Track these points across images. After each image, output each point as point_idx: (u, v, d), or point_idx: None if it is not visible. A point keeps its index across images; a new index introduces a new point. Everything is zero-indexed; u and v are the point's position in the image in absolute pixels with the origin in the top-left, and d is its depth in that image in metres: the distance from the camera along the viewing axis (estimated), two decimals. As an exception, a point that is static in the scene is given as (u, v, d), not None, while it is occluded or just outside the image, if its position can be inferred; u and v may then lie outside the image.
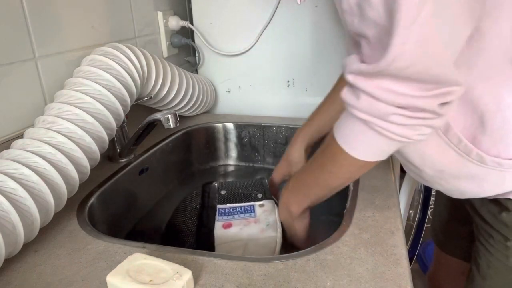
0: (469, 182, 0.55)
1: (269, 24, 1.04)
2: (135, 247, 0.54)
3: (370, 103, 0.43)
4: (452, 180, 0.56)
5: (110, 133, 0.67)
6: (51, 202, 0.54)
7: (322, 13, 0.99)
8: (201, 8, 1.08)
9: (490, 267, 0.62)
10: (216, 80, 1.15)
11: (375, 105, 0.43)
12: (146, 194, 0.85)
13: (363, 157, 0.50)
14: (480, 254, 0.64)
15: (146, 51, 0.80)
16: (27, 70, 0.66)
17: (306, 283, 0.46)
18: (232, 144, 1.08)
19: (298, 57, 1.06)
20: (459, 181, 0.55)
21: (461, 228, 0.83)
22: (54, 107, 0.62)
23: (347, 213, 0.61)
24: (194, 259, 0.51)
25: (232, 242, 0.62)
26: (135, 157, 0.83)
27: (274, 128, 1.04)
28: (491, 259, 0.62)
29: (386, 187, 0.68)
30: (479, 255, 0.64)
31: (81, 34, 0.77)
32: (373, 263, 0.50)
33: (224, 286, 0.46)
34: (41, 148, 0.56)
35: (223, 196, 0.71)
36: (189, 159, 1.03)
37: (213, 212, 0.67)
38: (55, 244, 0.56)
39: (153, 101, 0.87)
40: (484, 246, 0.63)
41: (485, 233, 0.62)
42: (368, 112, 0.44)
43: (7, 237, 0.47)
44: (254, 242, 0.61)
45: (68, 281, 0.48)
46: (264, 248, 0.61)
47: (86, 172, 0.62)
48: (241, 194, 0.71)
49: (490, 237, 0.61)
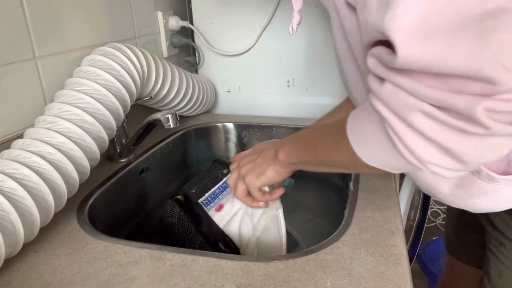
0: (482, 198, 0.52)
1: (269, 24, 1.04)
2: (135, 247, 0.54)
3: (393, 91, 0.34)
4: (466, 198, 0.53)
5: (110, 133, 0.67)
6: (51, 202, 0.54)
7: (322, 13, 0.99)
8: (201, 8, 1.08)
9: (502, 276, 0.60)
10: (216, 80, 1.15)
11: (398, 95, 0.33)
12: (146, 194, 0.85)
13: (366, 160, 0.42)
14: (491, 262, 0.62)
15: (146, 51, 0.80)
16: (27, 70, 0.66)
17: (306, 283, 0.46)
18: (232, 144, 1.08)
19: (298, 57, 1.06)
20: (472, 198, 0.53)
21: (474, 235, 0.81)
22: (54, 107, 0.62)
23: (347, 213, 0.61)
24: (194, 259, 0.51)
25: (234, 217, 0.63)
26: (135, 157, 0.83)
27: (274, 128, 1.04)
28: (502, 268, 0.60)
29: (386, 187, 0.68)
30: (490, 264, 0.62)
31: (81, 34, 0.77)
32: (373, 263, 0.50)
33: (224, 286, 0.46)
34: (41, 148, 0.56)
35: (196, 193, 0.70)
36: (189, 159, 1.03)
37: (200, 208, 0.68)
38: (55, 244, 0.56)
39: (153, 101, 0.87)
40: (494, 254, 0.61)
41: (496, 241, 0.61)
42: (388, 102, 0.34)
43: (7, 237, 0.47)
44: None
45: (68, 281, 0.48)
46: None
47: (86, 172, 0.62)
48: (208, 182, 0.71)
49: (501, 245, 0.60)
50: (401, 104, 0.33)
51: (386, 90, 0.34)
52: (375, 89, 0.36)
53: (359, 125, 0.42)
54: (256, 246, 0.62)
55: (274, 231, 0.62)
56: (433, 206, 2.02)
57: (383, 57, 0.33)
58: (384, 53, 0.33)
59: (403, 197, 1.10)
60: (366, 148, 0.42)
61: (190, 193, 0.70)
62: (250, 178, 0.59)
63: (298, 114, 1.10)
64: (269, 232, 0.63)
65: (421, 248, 1.52)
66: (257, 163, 0.59)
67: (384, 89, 0.34)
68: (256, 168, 0.59)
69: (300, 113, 1.10)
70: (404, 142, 0.35)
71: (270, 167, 0.58)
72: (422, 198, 1.48)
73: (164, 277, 0.48)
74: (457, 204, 0.55)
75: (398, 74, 0.32)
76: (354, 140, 0.42)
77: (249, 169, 0.59)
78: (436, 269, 1.46)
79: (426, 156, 0.34)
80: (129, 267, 0.50)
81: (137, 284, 0.47)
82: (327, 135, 0.50)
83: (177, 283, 0.47)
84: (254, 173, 0.59)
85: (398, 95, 0.33)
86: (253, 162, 0.60)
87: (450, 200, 0.55)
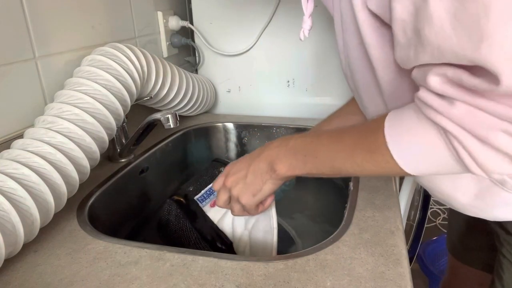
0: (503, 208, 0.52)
1: (269, 24, 1.04)
2: (135, 247, 0.54)
3: (469, 112, 0.34)
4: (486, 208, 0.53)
5: (110, 133, 0.67)
6: (51, 202, 0.54)
7: (322, 13, 0.99)
8: (201, 8, 1.08)
9: None
10: (216, 80, 1.15)
11: (476, 115, 0.33)
12: (146, 194, 0.85)
13: (410, 169, 0.42)
14: (504, 267, 0.61)
15: (146, 51, 0.80)
16: (27, 70, 0.66)
17: (306, 283, 0.46)
18: (232, 144, 1.08)
19: (298, 57, 1.06)
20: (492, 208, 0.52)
21: (481, 239, 0.80)
22: (54, 107, 0.62)
23: (347, 213, 0.61)
24: (194, 259, 0.51)
25: (227, 212, 0.64)
26: (135, 157, 0.83)
27: (274, 128, 1.04)
28: None
29: (386, 187, 0.68)
30: (502, 269, 0.61)
31: (81, 34, 0.77)
32: (373, 263, 0.50)
33: (224, 286, 0.46)
34: (41, 148, 0.56)
35: (193, 190, 0.71)
36: (189, 159, 1.03)
37: (196, 205, 0.68)
38: (55, 244, 0.56)
39: (153, 101, 0.87)
40: (507, 259, 0.60)
41: (509, 246, 0.60)
42: (461, 121, 0.34)
43: (7, 237, 0.47)
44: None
45: (68, 281, 0.48)
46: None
47: (86, 172, 0.62)
48: (206, 179, 0.72)
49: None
50: (479, 124, 0.34)
51: (459, 110, 0.34)
52: (440, 107, 0.36)
53: (406, 137, 0.41)
54: (248, 239, 0.63)
55: (266, 224, 0.63)
56: (433, 206, 2.02)
57: (465, 80, 0.33)
58: (466, 76, 0.33)
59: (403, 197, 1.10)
60: (413, 158, 0.41)
61: (187, 191, 0.70)
62: (247, 198, 0.56)
63: (298, 114, 1.10)
64: (261, 225, 0.63)
65: (421, 248, 1.52)
66: (249, 181, 0.55)
67: (457, 109, 0.34)
68: (250, 186, 0.56)
69: (300, 113, 1.10)
70: (474, 156, 0.36)
71: (267, 181, 0.55)
72: (422, 198, 1.48)
73: (164, 277, 0.48)
74: (475, 213, 0.54)
75: (479, 97, 0.33)
76: (398, 150, 0.41)
77: (241, 189, 0.56)
78: (436, 269, 1.46)
79: (495, 167, 0.36)
80: (129, 267, 0.50)
81: (137, 284, 0.47)
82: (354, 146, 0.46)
83: (177, 283, 0.47)
84: (249, 192, 0.56)
85: (475, 116, 0.34)
86: (242, 181, 0.56)
87: (468, 210, 0.54)
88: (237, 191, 0.56)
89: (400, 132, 0.41)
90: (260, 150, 0.56)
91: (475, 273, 0.85)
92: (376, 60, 0.46)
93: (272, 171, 0.54)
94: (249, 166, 0.56)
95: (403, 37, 0.36)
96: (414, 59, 0.36)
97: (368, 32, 0.44)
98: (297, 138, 0.53)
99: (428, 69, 0.36)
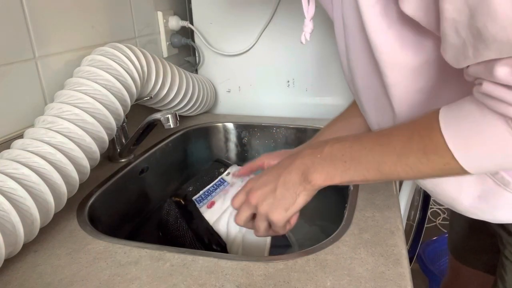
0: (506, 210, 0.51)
1: (269, 24, 1.04)
2: (135, 247, 0.54)
3: None
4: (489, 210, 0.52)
5: (110, 133, 0.67)
6: (51, 202, 0.54)
7: (322, 12, 0.99)
8: (201, 8, 1.08)
9: None
10: (216, 80, 1.15)
11: None
12: (146, 194, 0.85)
13: (475, 170, 0.39)
14: (506, 269, 0.61)
15: (146, 51, 0.80)
16: (27, 70, 0.66)
17: (306, 283, 0.46)
18: (232, 144, 1.08)
19: (298, 57, 1.06)
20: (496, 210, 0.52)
21: (483, 240, 0.79)
22: (54, 107, 0.62)
23: (347, 213, 0.61)
24: (194, 259, 0.51)
25: (223, 214, 0.64)
26: (135, 157, 0.83)
27: (274, 128, 1.04)
28: None
29: (386, 187, 0.68)
30: (505, 271, 0.61)
31: (81, 34, 0.77)
32: (373, 263, 0.50)
33: (224, 286, 0.46)
34: (41, 148, 0.56)
35: (192, 191, 0.71)
36: (189, 159, 1.03)
37: (193, 205, 0.68)
38: (55, 244, 0.56)
39: (153, 101, 0.87)
40: (510, 261, 0.60)
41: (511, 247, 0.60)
42: None
43: (7, 237, 0.47)
44: None
45: (68, 281, 0.48)
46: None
47: (86, 172, 0.62)
48: (206, 179, 0.71)
49: None
50: None
51: None
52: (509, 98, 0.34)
53: (470, 136, 0.38)
54: (241, 242, 0.63)
55: None
56: (433, 206, 2.02)
57: None
58: None
59: (403, 197, 1.10)
60: (479, 157, 0.39)
61: (187, 191, 0.71)
62: (278, 214, 0.50)
63: (298, 114, 1.10)
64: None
65: (421, 248, 1.52)
66: (280, 196, 0.50)
67: None
68: (281, 201, 0.50)
69: (300, 113, 1.10)
70: None
71: (301, 194, 0.50)
72: (422, 198, 1.48)
73: (164, 277, 0.48)
74: (477, 216, 0.54)
75: None
76: (461, 151, 0.39)
77: (271, 205, 0.50)
78: (436, 269, 1.46)
79: None
80: (129, 267, 0.50)
81: (137, 284, 0.47)
82: (405, 148, 0.43)
83: (177, 283, 0.47)
84: (281, 207, 0.50)
85: None
86: (271, 195, 0.51)
87: (471, 212, 0.53)
88: (266, 207, 0.51)
89: (461, 131, 0.39)
90: (289, 160, 0.51)
91: (477, 275, 0.85)
92: (384, 63, 0.45)
93: (306, 182, 0.49)
94: (277, 179, 0.50)
95: (456, 38, 0.35)
96: (474, 57, 0.35)
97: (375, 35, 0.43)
98: (332, 144, 0.48)
99: (492, 62, 0.34)
